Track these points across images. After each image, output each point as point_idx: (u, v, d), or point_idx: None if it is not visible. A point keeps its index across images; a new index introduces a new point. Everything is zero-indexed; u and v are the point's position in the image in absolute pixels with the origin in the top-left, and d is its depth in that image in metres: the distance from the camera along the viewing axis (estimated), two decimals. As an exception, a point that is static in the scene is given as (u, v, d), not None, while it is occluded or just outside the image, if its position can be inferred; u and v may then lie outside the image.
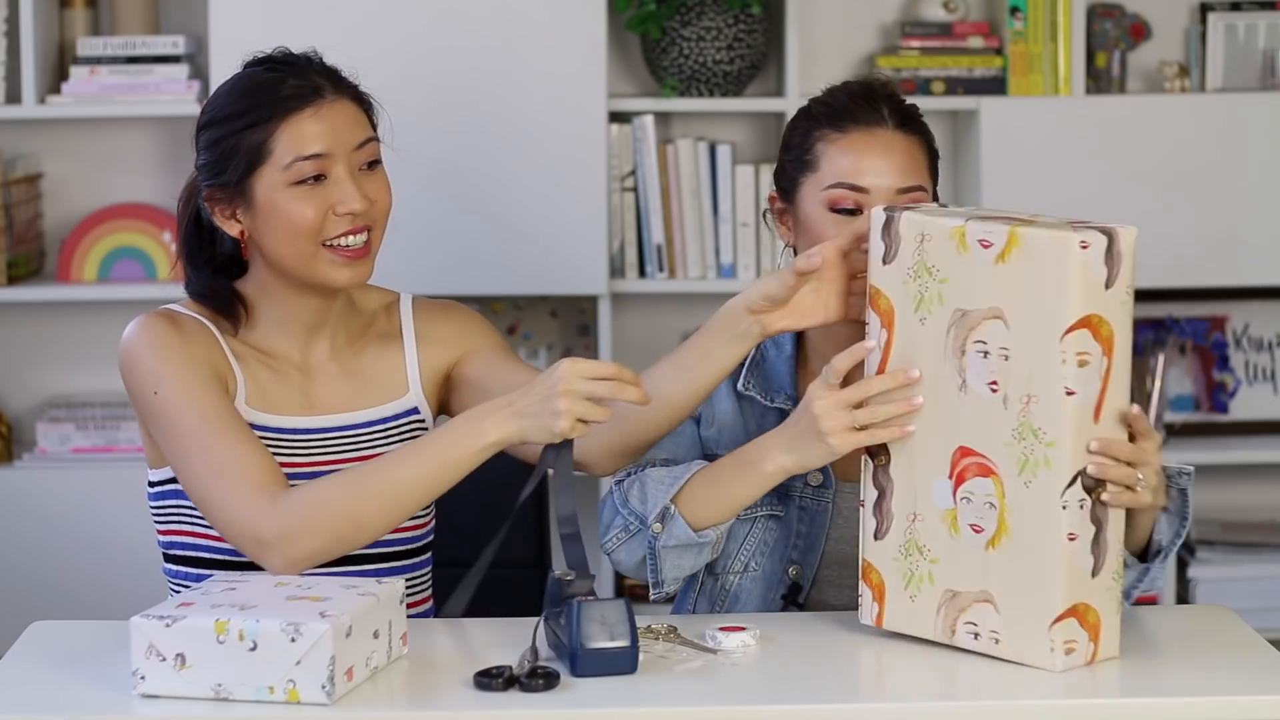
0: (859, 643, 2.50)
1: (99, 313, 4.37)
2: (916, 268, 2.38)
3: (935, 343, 2.37)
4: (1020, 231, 2.29)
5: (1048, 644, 2.31)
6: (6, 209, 4.19)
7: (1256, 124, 4.24)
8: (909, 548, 2.41)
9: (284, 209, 2.62)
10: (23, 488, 4.18)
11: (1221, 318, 4.45)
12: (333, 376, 2.73)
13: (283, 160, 2.61)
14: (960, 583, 2.37)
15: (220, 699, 2.22)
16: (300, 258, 2.63)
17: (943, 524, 2.38)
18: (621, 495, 2.63)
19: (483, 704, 2.22)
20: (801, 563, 2.69)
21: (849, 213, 2.63)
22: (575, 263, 4.17)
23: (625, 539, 2.61)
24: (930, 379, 2.38)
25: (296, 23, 4.07)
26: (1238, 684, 2.30)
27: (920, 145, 2.70)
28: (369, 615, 2.28)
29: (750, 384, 2.73)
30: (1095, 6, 4.34)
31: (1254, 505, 4.52)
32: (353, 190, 2.62)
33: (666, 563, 2.59)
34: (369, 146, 2.67)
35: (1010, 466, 2.32)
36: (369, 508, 2.50)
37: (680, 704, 2.25)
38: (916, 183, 2.65)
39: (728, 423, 2.73)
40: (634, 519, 2.61)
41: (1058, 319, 2.26)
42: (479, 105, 4.11)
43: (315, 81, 2.65)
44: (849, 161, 2.65)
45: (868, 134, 2.66)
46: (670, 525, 2.57)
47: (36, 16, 4.16)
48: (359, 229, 2.63)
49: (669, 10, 4.23)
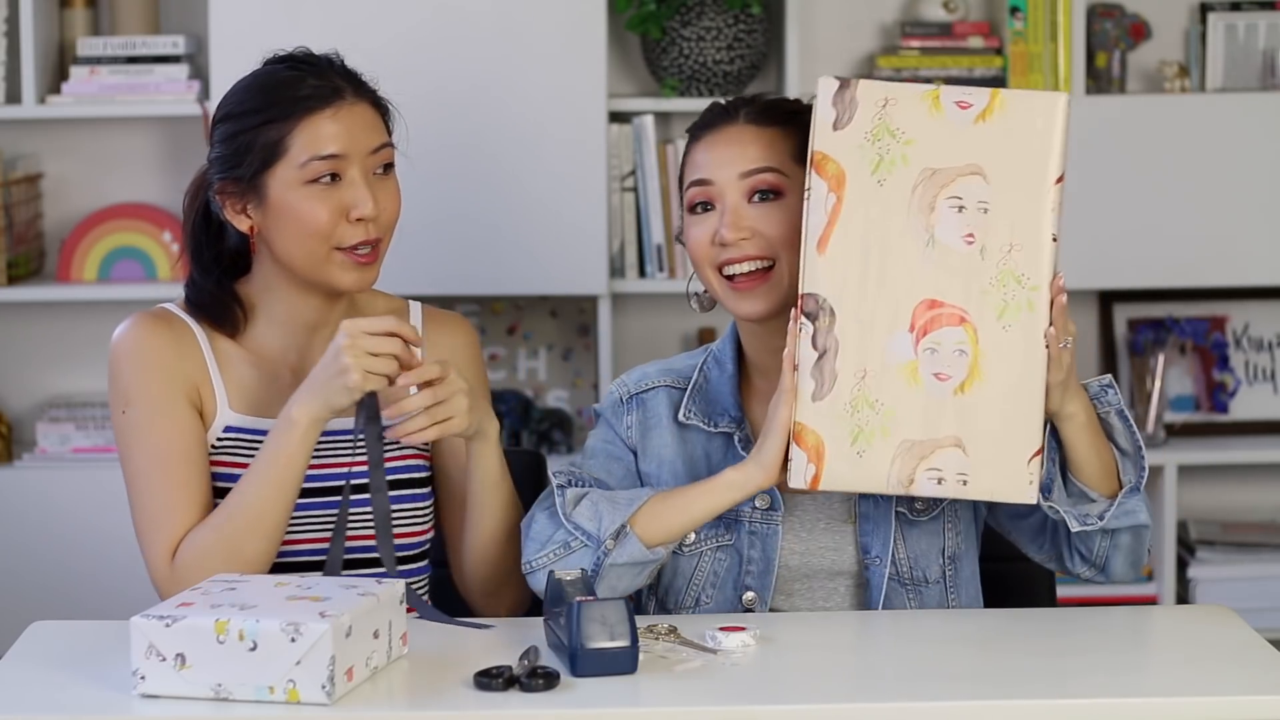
0: (859, 643, 2.50)
1: (99, 313, 4.37)
2: (876, 131, 2.49)
3: (897, 202, 2.48)
4: (1004, 92, 2.47)
5: (1026, 477, 2.47)
6: (6, 209, 4.19)
7: (1256, 124, 4.24)
8: (857, 404, 2.49)
9: (296, 208, 2.62)
10: (23, 488, 4.18)
11: (1221, 318, 4.45)
12: None
13: (298, 159, 2.62)
14: (921, 431, 2.48)
15: (220, 699, 2.22)
16: (310, 258, 2.64)
17: (899, 376, 2.48)
18: (563, 510, 2.59)
19: (483, 704, 2.22)
20: (756, 587, 2.67)
21: (705, 208, 2.66)
22: (575, 263, 4.17)
23: (563, 554, 2.58)
24: (888, 237, 2.48)
25: (296, 23, 4.07)
26: (1238, 684, 2.30)
27: (781, 134, 2.66)
28: (369, 615, 2.28)
29: (691, 413, 2.72)
30: (1095, 6, 4.34)
31: (1254, 505, 4.52)
32: (366, 194, 2.63)
33: (604, 581, 2.57)
34: (384, 151, 2.67)
35: (987, 313, 2.46)
36: (245, 541, 2.58)
37: (680, 704, 2.25)
38: (764, 164, 2.64)
39: (668, 456, 2.71)
40: (580, 534, 2.58)
41: (1045, 170, 2.46)
42: (479, 105, 4.11)
43: (335, 83, 2.65)
44: (700, 159, 2.67)
45: (716, 133, 2.68)
46: (623, 543, 2.57)
47: (36, 16, 4.16)
48: (373, 239, 2.64)
49: (669, 10, 4.23)
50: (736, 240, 2.62)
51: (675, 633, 2.43)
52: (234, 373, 2.69)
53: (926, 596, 2.68)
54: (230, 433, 2.67)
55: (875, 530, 2.65)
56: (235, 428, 2.67)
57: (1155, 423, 4.33)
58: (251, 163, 2.63)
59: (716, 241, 2.63)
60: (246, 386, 2.69)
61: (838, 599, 2.68)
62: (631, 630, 2.30)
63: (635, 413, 2.73)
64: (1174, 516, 4.28)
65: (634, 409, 2.73)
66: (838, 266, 2.49)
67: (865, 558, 2.66)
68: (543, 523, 2.60)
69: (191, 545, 2.59)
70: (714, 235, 2.63)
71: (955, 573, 2.70)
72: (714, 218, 2.64)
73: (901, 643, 2.49)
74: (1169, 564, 4.29)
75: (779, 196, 2.63)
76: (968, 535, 2.72)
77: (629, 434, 2.72)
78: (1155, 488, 4.30)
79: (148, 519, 2.63)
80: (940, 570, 2.69)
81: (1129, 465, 2.58)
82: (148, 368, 2.66)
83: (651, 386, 2.74)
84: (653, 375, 2.75)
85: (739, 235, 2.62)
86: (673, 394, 2.73)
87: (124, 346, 2.67)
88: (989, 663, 2.38)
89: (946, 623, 2.57)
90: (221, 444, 2.67)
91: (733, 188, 2.63)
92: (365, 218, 2.62)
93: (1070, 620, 2.55)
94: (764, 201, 2.63)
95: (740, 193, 2.63)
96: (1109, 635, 2.49)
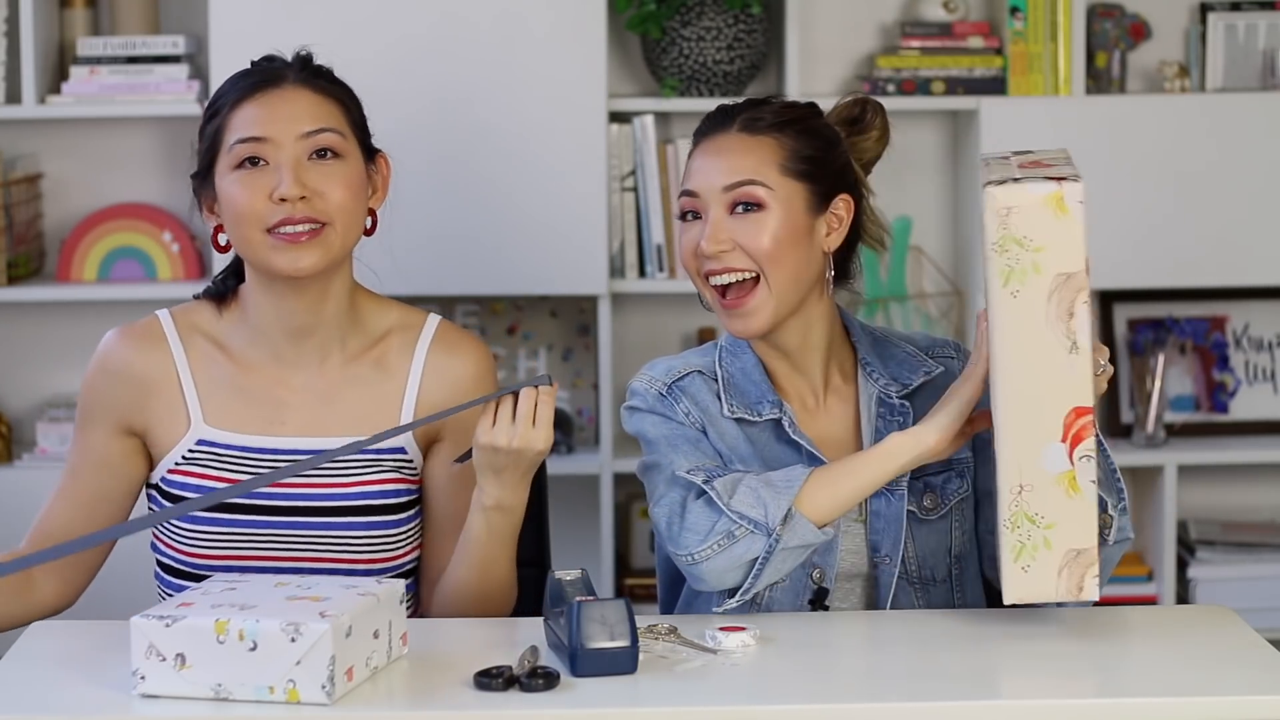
0: (859, 643, 2.50)
1: (99, 313, 4.36)
2: (1003, 241, 2.37)
3: (1033, 312, 2.38)
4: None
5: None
6: (6, 209, 4.19)
7: (1256, 124, 4.23)
8: (1016, 520, 2.42)
9: (227, 192, 2.63)
10: (23, 488, 4.18)
11: (1221, 318, 4.45)
12: (312, 395, 2.69)
13: (228, 144, 2.63)
14: (1085, 539, 2.41)
15: (220, 699, 2.22)
16: (247, 244, 2.63)
17: (1057, 487, 2.40)
18: (721, 500, 2.57)
19: (483, 704, 2.22)
20: (823, 564, 2.68)
21: (692, 217, 2.67)
22: (575, 263, 4.17)
23: (728, 544, 2.56)
24: (1032, 348, 2.39)
25: (296, 23, 4.07)
26: (1238, 684, 2.30)
27: (775, 143, 2.67)
28: (369, 615, 2.28)
29: (734, 407, 2.71)
30: (1095, 6, 4.34)
31: (1254, 505, 4.52)
32: (288, 176, 2.60)
33: (771, 566, 2.57)
34: (321, 137, 2.63)
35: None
36: (38, 571, 2.74)
37: (680, 704, 2.25)
38: (745, 178, 2.64)
39: (729, 442, 2.70)
40: (745, 522, 2.56)
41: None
42: (478, 105, 4.11)
43: (276, 72, 2.66)
44: (692, 167, 2.70)
45: (708, 141, 2.70)
46: (793, 526, 2.56)
47: (36, 16, 4.16)
48: (299, 219, 2.60)
49: (669, 10, 4.23)
50: (716, 252, 2.63)
51: (675, 633, 2.43)
52: (213, 388, 2.69)
53: (934, 595, 2.68)
54: (202, 445, 2.67)
55: (886, 529, 2.66)
56: (208, 441, 2.67)
57: (1155, 423, 4.33)
58: (203, 157, 2.67)
59: (699, 253, 2.65)
60: (222, 400, 2.69)
61: (853, 601, 2.69)
62: (631, 630, 2.30)
63: (684, 400, 2.71)
64: (1174, 516, 4.28)
65: (680, 396, 2.71)
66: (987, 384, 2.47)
67: (875, 556, 2.66)
68: (699, 513, 2.58)
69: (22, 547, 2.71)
70: (696, 246, 2.66)
71: (962, 572, 2.71)
72: (698, 227, 2.66)
73: (901, 643, 2.49)
74: (1169, 564, 4.29)
75: (760, 209, 2.64)
76: (971, 535, 2.72)
77: (689, 417, 2.70)
78: (1155, 488, 4.30)
79: (37, 520, 2.75)
80: (948, 569, 2.69)
81: (1109, 489, 2.55)
82: (96, 391, 2.72)
83: (684, 373, 2.72)
84: (676, 365, 2.74)
85: (719, 248, 2.63)
86: (707, 380, 2.72)
87: (91, 364, 2.74)
88: (988, 663, 2.38)
89: (946, 623, 2.57)
90: (192, 455, 2.67)
91: (716, 199, 2.65)
92: (286, 198, 2.59)
93: (1070, 620, 2.55)
94: (746, 214, 2.64)
95: (723, 205, 2.65)
96: (1109, 635, 2.49)
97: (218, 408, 2.67)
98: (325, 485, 2.65)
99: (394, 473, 2.69)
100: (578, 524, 4.32)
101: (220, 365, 2.69)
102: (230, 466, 2.65)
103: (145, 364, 2.69)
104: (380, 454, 2.68)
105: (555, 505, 2.84)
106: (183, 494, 2.65)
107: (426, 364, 2.71)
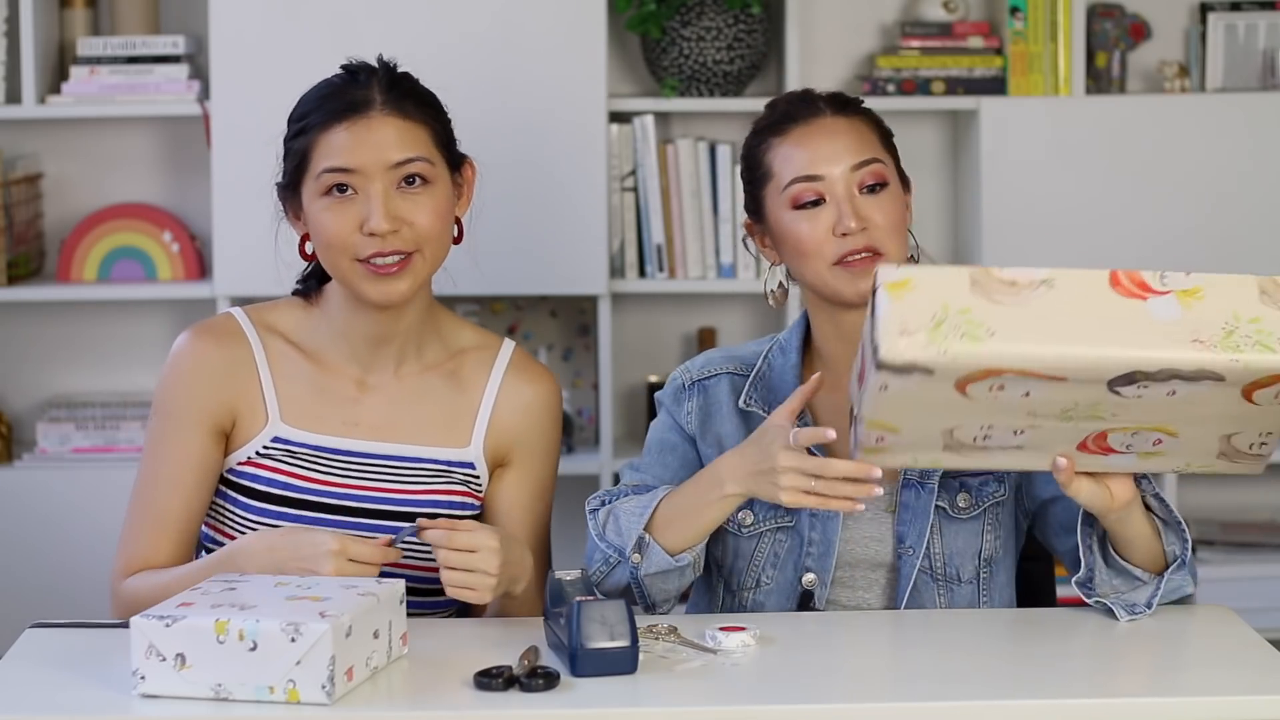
0: (859, 643, 2.50)
1: (99, 313, 4.37)
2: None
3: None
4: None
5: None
6: (6, 209, 4.19)
7: (1256, 124, 4.24)
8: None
9: (316, 219, 2.63)
10: (23, 488, 4.18)
11: (1221, 318, 4.45)
12: (387, 399, 2.71)
13: (316, 170, 2.63)
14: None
15: (220, 699, 2.22)
16: (339, 270, 2.65)
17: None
18: (598, 529, 2.64)
19: (483, 704, 2.22)
20: (817, 569, 2.67)
21: (813, 205, 2.65)
22: (575, 263, 4.17)
23: (608, 570, 2.61)
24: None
25: (296, 23, 4.07)
26: (1238, 684, 2.30)
27: (866, 124, 2.69)
28: (369, 615, 2.28)
29: (753, 400, 2.72)
30: (1095, 6, 4.34)
31: (1254, 505, 4.52)
32: (378, 208, 2.60)
33: (652, 588, 2.61)
34: (412, 165, 2.63)
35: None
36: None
37: (680, 704, 2.25)
38: (869, 156, 2.65)
39: (728, 443, 2.70)
40: (612, 551, 2.61)
41: None
42: (479, 105, 4.10)
43: (367, 95, 2.63)
44: (799, 156, 2.66)
45: (808, 126, 2.68)
46: (648, 554, 2.59)
47: (36, 16, 4.16)
48: (390, 251, 2.61)
49: (669, 10, 4.23)
50: (858, 230, 2.62)
51: (675, 633, 2.43)
52: (291, 386, 2.70)
53: (958, 595, 2.67)
54: (277, 443, 2.68)
55: (913, 520, 2.66)
56: (283, 439, 2.68)
57: (1155, 423, 4.33)
58: (290, 171, 2.66)
59: (838, 233, 2.62)
60: (301, 399, 2.70)
61: (876, 591, 2.68)
62: (631, 630, 2.30)
63: (696, 399, 2.73)
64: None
65: (695, 395, 2.73)
66: None
67: (899, 546, 2.66)
68: (591, 539, 2.64)
69: (135, 585, 2.64)
70: (834, 228, 2.62)
71: (990, 576, 2.70)
72: (826, 211, 2.63)
73: (901, 643, 2.49)
74: (1191, 570, 4.28)
75: (884, 186, 2.65)
76: (1007, 541, 2.71)
77: (688, 420, 2.73)
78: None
79: (125, 530, 2.70)
80: (975, 571, 2.68)
81: (1172, 536, 2.55)
82: (179, 388, 2.69)
83: (715, 373, 2.74)
84: (717, 361, 2.76)
85: (861, 225, 2.62)
86: (735, 380, 2.73)
87: (172, 359, 2.71)
88: (988, 662, 2.38)
89: (946, 623, 2.57)
90: (267, 452, 2.68)
91: (843, 181, 2.64)
92: (376, 231, 2.60)
93: (1069, 620, 2.55)
94: (873, 193, 2.64)
95: (852, 185, 2.64)
96: (1109, 635, 2.49)
97: (294, 406, 2.69)
98: (396, 490, 2.67)
99: (462, 485, 2.72)
100: (578, 524, 4.31)
101: (297, 364, 2.71)
102: (304, 465, 2.66)
103: (229, 359, 2.69)
104: (451, 466, 2.70)
105: (555, 505, 2.84)
106: (254, 486, 2.67)
107: (503, 386, 2.74)
